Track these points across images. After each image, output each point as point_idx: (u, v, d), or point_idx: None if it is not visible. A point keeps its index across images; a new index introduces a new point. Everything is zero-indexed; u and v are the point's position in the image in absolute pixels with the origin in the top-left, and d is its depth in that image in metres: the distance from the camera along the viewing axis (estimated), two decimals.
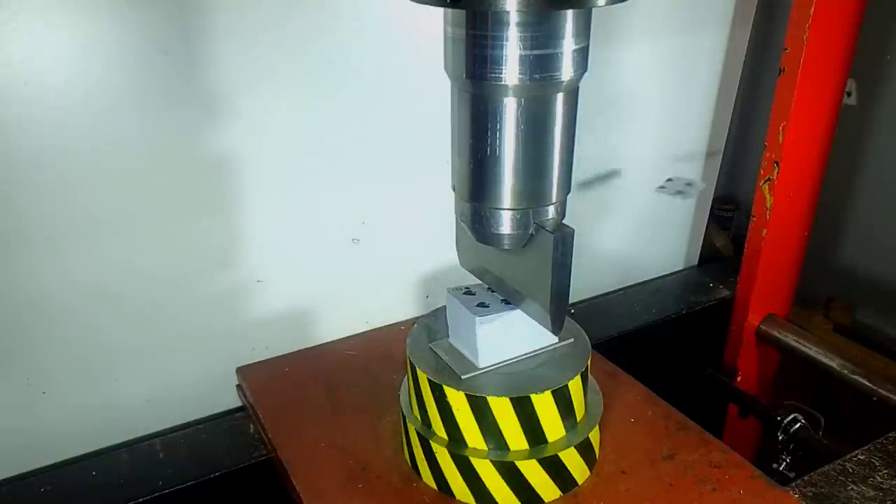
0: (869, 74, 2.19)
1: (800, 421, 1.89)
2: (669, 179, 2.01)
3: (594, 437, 1.32)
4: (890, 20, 2.14)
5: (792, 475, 1.84)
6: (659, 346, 2.05)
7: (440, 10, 1.09)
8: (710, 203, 2.39)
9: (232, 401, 1.68)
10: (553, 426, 1.26)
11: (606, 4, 1.01)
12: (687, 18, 2.01)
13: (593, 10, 1.07)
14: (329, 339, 1.78)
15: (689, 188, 2.05)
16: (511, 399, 1.21)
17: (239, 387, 1.66)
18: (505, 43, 1.03)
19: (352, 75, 1.58)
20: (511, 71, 1.04)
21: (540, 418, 1.24)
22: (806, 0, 1.79)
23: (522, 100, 1.07)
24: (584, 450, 1.29)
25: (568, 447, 1.26)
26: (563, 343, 1.35)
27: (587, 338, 1.38)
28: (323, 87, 1.57)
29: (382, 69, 1.62)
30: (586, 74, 1.11)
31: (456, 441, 1.26)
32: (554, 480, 1.26)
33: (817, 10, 1.78)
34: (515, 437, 1.24)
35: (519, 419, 1.23)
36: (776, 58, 1.90)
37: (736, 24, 2.09)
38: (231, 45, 1.43)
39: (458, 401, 1.23)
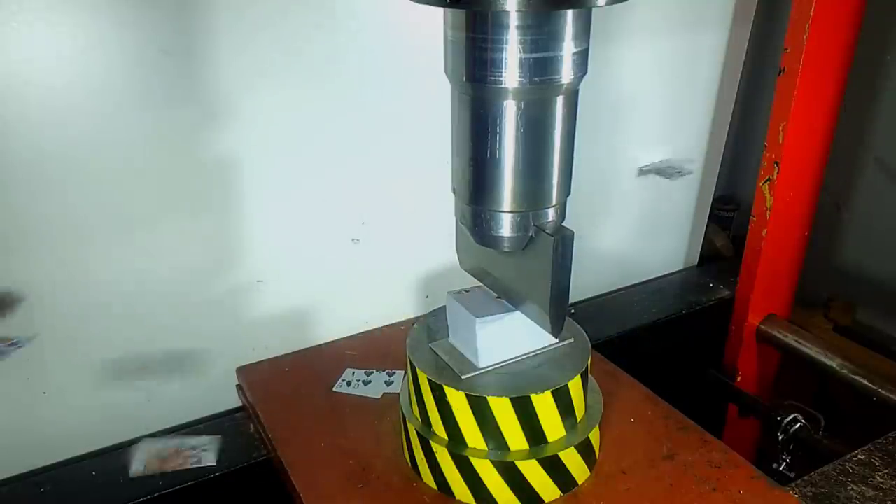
0: (869, 74, 2.19)
1: (800, 421, 1.89)
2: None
3: (594, 437, 1.32)
4: (890, 20, 2.14)
5: (792, 475, 1.84)
6: (659, 346, 2.05)
7: (440, 11, 1.09)
8: (710, 203, 2.39)
9: (232, 401, 1.68)
10: (553, 426, 1.26)
11: (606, 4, 1.01)
12: (687, 18, 2.01)
13: (593, 10, 1.07)
14: (329, 339, 1.78)
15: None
16: (511, 399, 1.21)
17: (239, 387, 1.66)
18: (505, 46, 1.03)
19: (352, 75, 1.59)
20: (511, 74, 1.04)
21: (540, 418, 1.24)
22: (806, 0, 1.79)
23: (522, 103, 1.07)
24: (584, 450, 1.29)
25: (568, 447, 1.26)
26: (563, 343, 1.35)
27: (587, 338, 1.38)
28: (323, 87, 1.57)
29: (382, 69, 1.62)
30: (586, 76, 1.11)
31: (456, 441, 1.26)
32: (554, 480, 1.27)
33: (817, 10, 1.78)
34: (515, 437, 1.24)
35: (519, 419, 1.23)
36: (776, 58, 1.90)
37: (736, 24, 2.09)
38: (231, 44, 1.43)
39: (458, 401, 1.23)
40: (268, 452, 1.49)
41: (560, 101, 1.10)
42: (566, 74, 1.06)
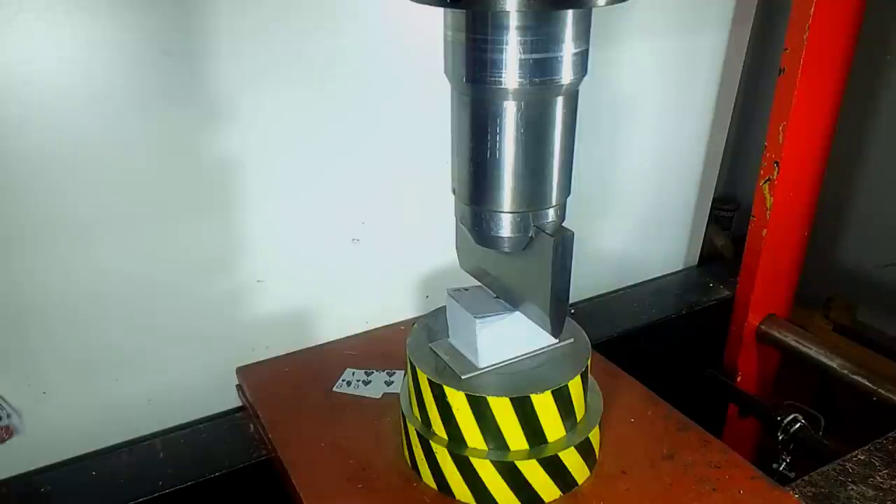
0: (869, 74, 2.19)
1: (800, 421, 1.89)
2: None
3: (594, 437, 1.32)
4: (890, 20, 2.14)
5: (792, 475, 1.84)
6: (659, 346, 2.05)
7: (440, 12, 1.09)
8: (710, 203, 2.39)
9: (232, 401, 1.68)
10: (553, 426, 1.26)
11: (606, 4, 1.01)
12: (687, 18, 2.01)
13: (593, 10, 1.07)
14: (329, 339, 1.78)
15: None
16: (511, 399, 1.21)
17: (239, 387, 1.66)
18: (505, 47, 1.03)
19: (352, 76, 1.59)
20: (511, 74, 1.04)
21: (540, 418, 1.24)
22: (806, 0, 1.79)
23: (522, 103, 1.07)
24: (584, 450, 1.29)
25: (568, 447, 1.26)
26: (563, 343, 1.35)
27: (587, 338, 1.38)
28: (323, 87, 1.57)
29: (382, 70, 1.62)
30: (586, 77, 1.11)
31: (456, 441, 1.26)
32: (554, 480, 1.27)
33: (817, 10, 1.78)
34: (515, 437, 1.24)
35: (519, 419, 1.23)
36: (776, 58, 1.90)
37: (736, 24, 2.09)
38: (231, 45, 1.43)
39: (458, 401, 1.23)
40: (268, 452, 1.49)
41: (560, 101, 1.10)
42: (566, 75, 1.06)
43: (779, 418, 1.91)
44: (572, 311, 2.06)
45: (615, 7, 1.40)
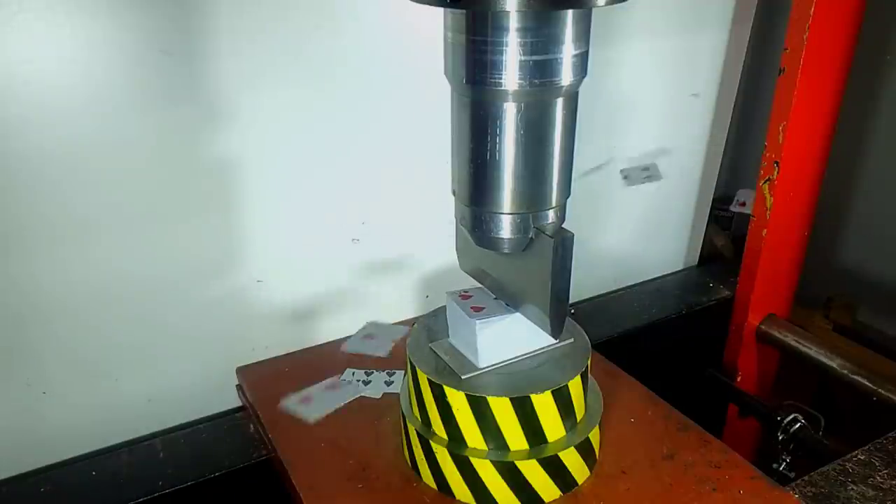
0: (869, 74, 2.19)
1: (800, 421, 1.89)
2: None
3: (594, 437, 1.32)
4: (890, 20, 2.14)
5: (792, 475, 1.84)
6: (659, 346, 2.05)
7: (440, 13, 1.09)
8: (710, 203, 2.39)
9: (232, 401, 1.68)
10: (553, 426, 1.26)
11: (606, 4, 1.01)
12: (687, 18, 2.01)
13: (593, 10, 1.07)
14: (329, 339, 1.78)
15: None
16: (511, 399, 1.21)
17: (239, 387, 1.66)
18: (505, 48, 1.03)
19: (352, 76, 1.59)
20: (511, 76, 1.04)
21: (540, 418, 1.24)
22: (806, 0, 1.79)
23: (522, 105, 1.07)
24: (584, 450, 1.29)
25: (568, 447, 1.26)
26: (562, 343, 1.35)
27: (587, 338, 1.38)
28: (323, 87, 1.57)
29: (382, 69, 1.62)
30: (586, 78, 1.11)
31: (456, 441, 1.26)
32: (554, 480, 1.27)
33: (817, 10, 1.78)
34: (515, 437, 1.24)
35: (519, 419, 1.23)
36: (776, 58, 1.90)
37: (736, 24, 2.09)
38: (231, 45, 1.43)
39: (458, 401, 1.23)
40: (268, 452, 1.49)
41: (560, 103, 1.10)
42: (566, 76, 1.06)
43: (779, 418, 1.91)
44: (572, 311, 2.06)
45: (615, 7, 1.40)
